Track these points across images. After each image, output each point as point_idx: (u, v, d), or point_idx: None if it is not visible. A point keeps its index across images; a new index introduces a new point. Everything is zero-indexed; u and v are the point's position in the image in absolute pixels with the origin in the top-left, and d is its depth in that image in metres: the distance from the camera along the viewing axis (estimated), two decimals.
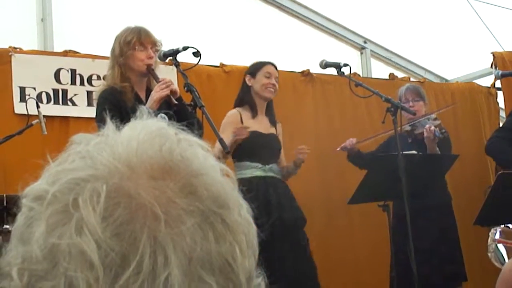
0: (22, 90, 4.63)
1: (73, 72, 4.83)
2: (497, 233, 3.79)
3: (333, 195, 5.26)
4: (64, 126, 4.71)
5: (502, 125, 5.33)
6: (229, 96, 5.14)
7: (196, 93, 3.46)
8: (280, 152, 4.42)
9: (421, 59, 6.53)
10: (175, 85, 3.63)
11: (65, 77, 4.80)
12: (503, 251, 3.81)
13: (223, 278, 0.62)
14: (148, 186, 0.62)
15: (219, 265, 0.62)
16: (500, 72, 4.96)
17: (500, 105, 6.36)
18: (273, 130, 4.39)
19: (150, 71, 3.59)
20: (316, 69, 4.93)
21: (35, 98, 4.43)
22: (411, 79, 6.22)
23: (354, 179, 4.45)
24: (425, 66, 6.60)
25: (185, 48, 3.56)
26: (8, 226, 3.31)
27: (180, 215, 0.62)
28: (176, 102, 3.50)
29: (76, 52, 4.91)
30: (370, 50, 6.35)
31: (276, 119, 4.46)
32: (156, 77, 3.58)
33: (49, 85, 4.74)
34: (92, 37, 5.04)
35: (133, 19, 3.89)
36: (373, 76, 6.20)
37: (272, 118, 4.42)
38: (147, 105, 3.44)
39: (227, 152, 3.20)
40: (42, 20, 4.99)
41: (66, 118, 4.75)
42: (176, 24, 5.23)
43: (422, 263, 4.13)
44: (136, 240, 0.59)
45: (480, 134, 6.07)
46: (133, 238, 0.59)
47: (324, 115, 5.69)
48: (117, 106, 3.45)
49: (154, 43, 3.63)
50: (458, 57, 6.34)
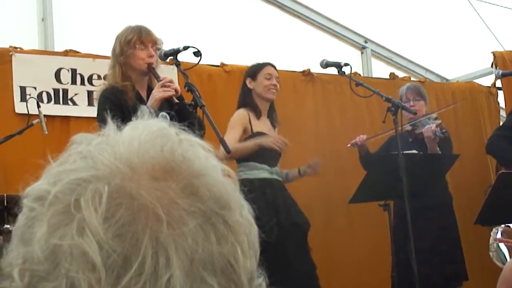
0: (23, 90, 4.63)
1: (74, 72, 4.82)
2: (499, 233, 3.78)
3: (333, 195, 5.26)
4: (65, 126, 4.71)
5: (503, 124, 5.32)
6: (230, 96, 5.14)
7: (197, 93, 3.45)
8: (281, 156, 4.41)
9: (422, 59, 6.53)
10: (177, 84, 3.63)
11: (66, 77, 4.79)
12: (505, 251, 3.80)
13: (225, 279, 0.62)
14: (150, 187, 0.62)
15: (221, 266, 0.62)
16: (501, 72, 4.96)
17: (501, 105, 6.35)
18: (274, 133, 4.38)
19: (151, 70, 3.58)
20: (317, 69, 4.93)
21: (36, 98, 4.43)
22: (412, 79, 6.22)
23: (354, 179, 4.45)
24: (426, 66, 6.60)
25: (186, 48, 3.55)
26: (9, 226, 3.31)
27: (182, 216, 0.61)
28: (178, 101, 3.49)
29: (77, 52, 4.91)
30: (371, 50, 6.35)
31: (275, 123, 4.43)
32: (157, 76, 3.57)
33: (50, 85, 4.74)
34: (93, 37, 5.04)
35: (134, 19, 3.89)
36: (374, 76, 6.20)
37: (273, 121, 4.41)
38: (148, 104, 3.44)
39: (229, 153, 3.19)
40: (43, 20, 4.99)
41: (67, 118, 4.75)
42: (177, 24, 5.23)
43: (423, 263, 4.13)
44: (138, 241, 0.59)
45: (481, 134, 6.06)
46: (135, 239, 0.59)
47: (325, 115, 5.68)
48: (118, 106, 3.45)
49: (155, 42, 3.62)
50: (459, 57, 6.33)
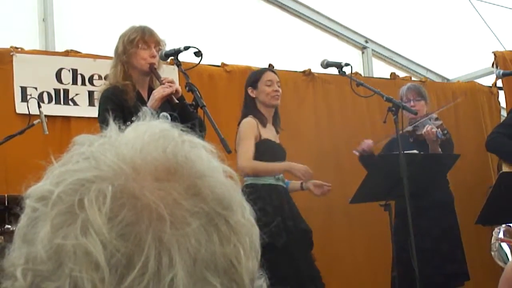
0: (24, 90, 4.63)
1: (75, 72, 4.83)
2: (501, 232, 3.78)
3: (333, 195, 5.25)
4: (66, 126, 4.72)
5: (502, 121, 5.33)
6: (231, 96, 5.15)
7: (198, 93, 3.45)
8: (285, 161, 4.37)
9: (423, 59, 6.53)
10: (177, 84, 3.63)
11: (67, 77, 4.80)
12: (507, 250, 3.80)
13: (228, 279, 0.62)
14: (153, 188, 0.62)
15: (224, 267, 0.62)
16: (502, 72, 4.96)
17: (502, 105, 6.35)
18: (278, 140, 4.36)
19: (153, 70, 3.58)
20: (318, 69, 4.92)
21: (37, 98, 4.43)
22: (413, 79, 6.22)
23: (354, 179, 4.45)
24: (427, 66, 6.59)
25: (187, 48, 3.55)
26: (10, 226, 3.31)
27: (185, 217, 0.62)
28: (177, 101, 3.49)
29: (78, 52, 4.91)
30: (372, 50, 6.35)
31: (278, 128, 4.41)
32: (158, 76, 3.57)
33: (51, 85, 4.74)
34: (94, 37, 5.04)
35: (135, 19, 3.89)
36: (375, 76, 6.20)
37: (276, 127, 4.38)
38: (149, 104, 3.44)
39: (229, 153, 3.19)
40: (44, 20, 4.99)
41: (68, 118, 4.75)
42: (178, 24, 5.22)
43: (424, 262, 4.13)
44: (141, 241, 0.59)
45: (482, 134, 6.06)
46: (138, 239, 0.59)
47: (325, 115, 5.68)
48: (119, 106, 3.45)
49: (158, 43, 3.63)
50: (460, 57, 6.33)
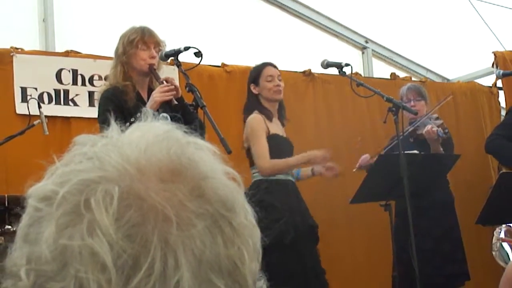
0: (24, 91, 4.63)
1: (75, 72, 4.83)
2: (502, 232, 3.79)
3: (334, 195, 5.25)
4: (66, 127, 4.72)
5: (501, 123, 5.32)
6: (231, 96, 5.15)
7: (198, 93, 3.45)
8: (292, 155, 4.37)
9: (423, 59, 6.53)
10: (177, 82, 3.63)
11: (67, 78, 4.80)
12: (508, 250, 3.81)
13: (231, 281, 0.62)
14: (158, 189, 0.62)
15: (228, 268, 0.62)
16: (502, 72, 4.96)
17: (502, 105, 6.36)
18: (284, 132, 4.36)
19: (152, 71, 3.58)
20: (318, 69, 4.92)
21: (37, 99, 4.42)
22: (413, 79, 6.22)
23: (355, 179, 4.45)
24: (427, 66, 6.59)
25: (187, 48, 3.55)
26: (10, 227, 3.31)
27: (191, 218, 0.62)
28: (177, 103, 3.50)
29: (78, 53, 4.91)
30: (372, 50, 6.35)
31: (283, 119, 4.40)
32: (158, 77, 3.58)
33: (51, 85, 4.74)
34: (94, 37, 5.04)
35: (135, 19, 3.89)
36: (375, 76, 6.20)
37: (282, 119, 4.38)
38: (148, 105, 3.45)
39: (229, 153, 3.19)
40: (44, 20, 4.99)
41: (68, 119, 4.75)
42: (178, 24, 5.22)
43: (424, 263, 4.13)
44: (147, 242, 0.59)
45: (482, 134, 6.06)
46: (144, 240, 0.59)
47: (325, 115, 5.68)
48: (119, 107, 3.46)
49: (158, 43, 3.62)
50: (460, 57, 6.33)
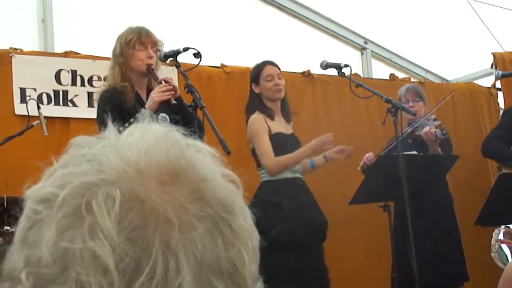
0: (23, 91, 4.63)
1: (74, 73, 4.82)
2: (501, 234, 3.80)
3: (333, 196, 5.25)
4: (65, 127, 4.71)
5: (496, 125, 5.33)
6: (230, 97, 5.15)
7: (197, 94, 3.46)
8: None
9: (422, 60, 6.53)
10: (175, 83, 3.63)
11: (66, 78, 4.79)
12: (507, 252, 3.81)
13: (232, 283, 0.63)
14: (158, 191, 0.62)
15: (228, 270, 0.62)
16: (500, 73, 4.97)
17: (501, 106, 6.36)
18: (291, 130, 4.36)
19: (150, 71, 3.58)
20: (317, 70, 4.93)
21: (36, 99, 4.42)
22: (412, 80, 6.22)
23: (354, 179, 4.44)
24: (426, 67, 6.60)
25: (186, 49, 3.55)
26: (9, 228, 3.30)
27: (192, 221, 0.62)
28: (175, 103, 3.50)
29: (77, 53, 4.90)
30: (371, 51, 6.35)
31: (289, 115, 4.39)
32: (156, 77, 3.57)
33: (50, 86, 4.74)
34: (93, 38, 5.03)
35: (134, 20, 3.89)
36: (374, 77, 6.20)
37: (287, 117, 4.37)
38: (146, 106, 3.45)
39: (228, 154, 3.19)
40: (43, 21, 4.99)
41: (67, 119, 4.75)
42: (177, 25, 5.22)
43: (423, 264, 4.13)
44: (149, 245, 0.59)
45: (481, 135, 6.05)
46: (146, 243, 0.59)
47: (324, 116, 5.68)
48: (118, 107, 3.45)
49: (155, 43, 3.62)
50: (459, 58, 6.34)
